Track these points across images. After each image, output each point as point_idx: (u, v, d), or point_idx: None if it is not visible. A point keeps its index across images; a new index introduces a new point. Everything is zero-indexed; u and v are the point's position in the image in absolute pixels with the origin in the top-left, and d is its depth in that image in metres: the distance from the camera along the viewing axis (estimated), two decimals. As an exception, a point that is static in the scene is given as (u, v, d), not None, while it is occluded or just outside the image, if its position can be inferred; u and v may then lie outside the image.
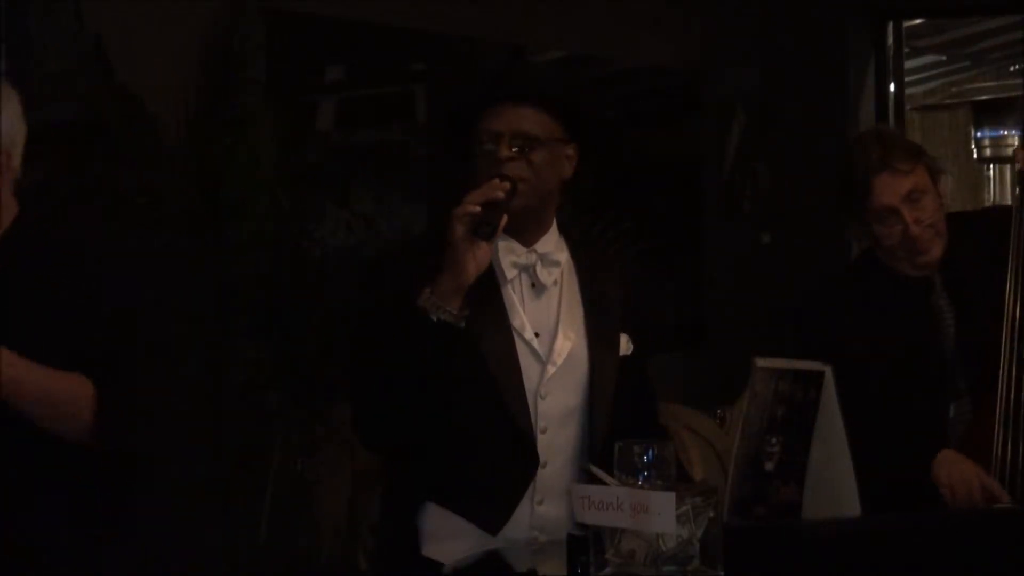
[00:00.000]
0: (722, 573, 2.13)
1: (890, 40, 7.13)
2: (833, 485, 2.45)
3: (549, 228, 2.83)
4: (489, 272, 2.71)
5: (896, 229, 3.12)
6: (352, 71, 5.56)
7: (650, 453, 2.19)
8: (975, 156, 9.18)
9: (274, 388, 4.45)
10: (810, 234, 6.53)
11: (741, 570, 2.17)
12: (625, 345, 2.85)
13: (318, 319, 4.45)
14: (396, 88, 5.76)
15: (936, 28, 8.75)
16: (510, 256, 2.79)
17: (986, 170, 9.88)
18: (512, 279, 2.79)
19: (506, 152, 2.72)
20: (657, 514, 2.09)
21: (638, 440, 2.21)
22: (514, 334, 2.76)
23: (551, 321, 2.80)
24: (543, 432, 2.75)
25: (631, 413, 2.81)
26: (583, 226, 4.60)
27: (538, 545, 2.71)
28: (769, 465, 2.44)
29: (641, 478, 2.17)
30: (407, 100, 5.76)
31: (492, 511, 2.73)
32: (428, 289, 2.62)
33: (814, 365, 2.46)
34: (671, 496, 2.10)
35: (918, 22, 8.15)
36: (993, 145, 8.95)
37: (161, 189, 4.28)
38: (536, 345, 2.77)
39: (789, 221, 6.80)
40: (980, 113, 9.08)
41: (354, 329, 3.11)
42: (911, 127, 9.43)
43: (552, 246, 2.82)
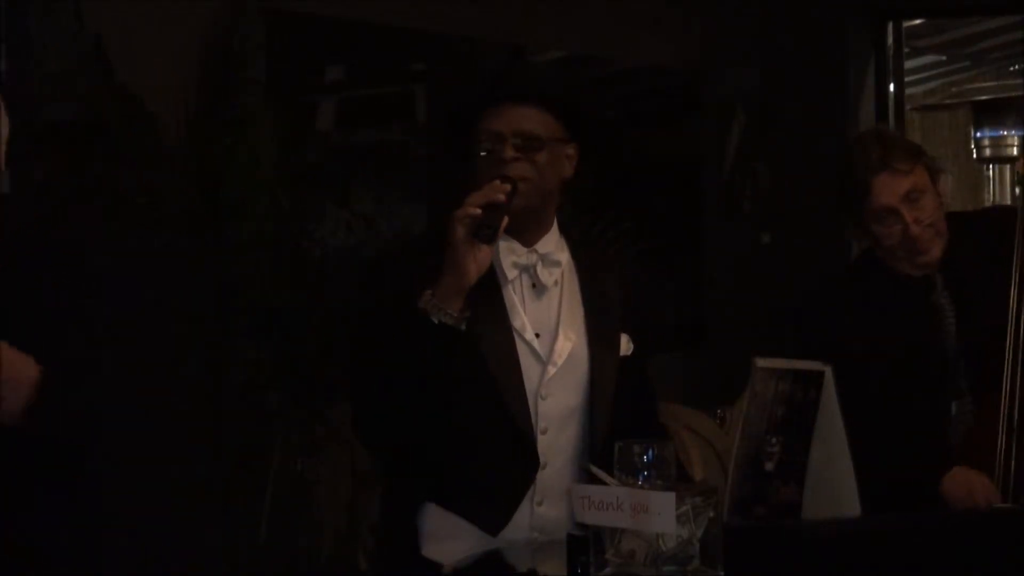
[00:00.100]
0: (722, 573, 2.13)
1: (890, 40, 7.14)
2: (833, 485, 2.45)
3: (550, 228, 2.83)
4: (490, 272, 2.70)
5: (896, 229, 3.12)
6: (352, 71, 5.56)
7: (650, 453, 2.19)
8: (975, 156, 9.18)
9: (274, 388, 4.44)
10: (810, 234, 6.53)
11: (741, 570, 2.17)
12: (625, 345, 2.84)
13: (318, 319, 4.44)
14: (396, 88, 5.75)
15: (936, 28, 8.75)
16: (511, 256, 2.78)
17: (986, 170, 9.88)
18: (513, 279, 2.79)
19: (509, 152, 2.72)
20: (657, 514, 2.09)
21: (638, 440, 2.21)
22: (515, 334, 2.75)
23: (552, 321, 2.79)
24: (543, 433, 2.75)
25: (631, 413, 2.80)
26: (583, 226, 4.60)
27: (538, 545, 2.71)
28: (769, 465, 2.44)
29: (641, 478, 2.17)
30: (407, 100, 5.76)
31: (492, 512, 2.73)
32: (429, 291, 2.61)
33: (814, 365, 2.46)
34: (671, 496, 2.10)
35: (918, 22, 8.15)
36: (993, 145, 8.95)
37: (161, 189, 4.28)
38: (537, 346, 2.77)
39: (789, 221, 6.79)
40: (980, 113, 9.08)
41: (354, 329, 3.11)
42: (911, 127, 9.43)
43: (553, 246, 2.82)
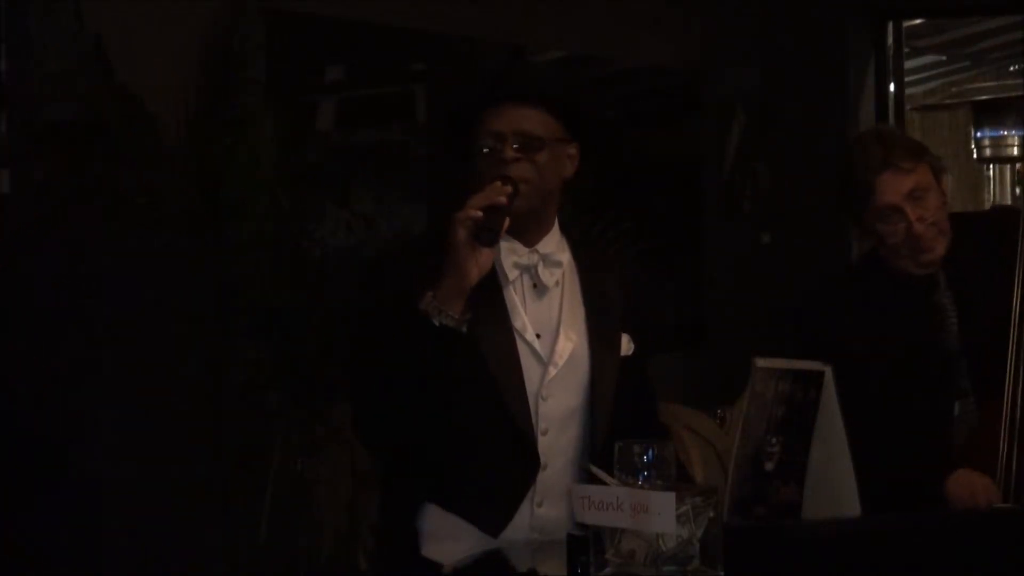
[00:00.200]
0: (722, 573, 2.13)
1: (890, 40, 7.14)
2: (833, 485, 2.45)
3: (551, 228, 2.82)
4: (491, 273, 2.69)
5: (899, 227, 3.12)
6: (352, 71, 5.56)
7: (650, 453, 2.18)
8: (975, 156, 9.18)
9: (274, 388, 4.44)
10: (810, 234, 6.54)
11: (741, 570, 2.17)
12: (626, 345, 2.84)
13: (318, 319, 4.44)
14: (396, 88, 5.75)
15: (936, 28, 8.75)
16: (512, 257, 2.77)
17: (986, 170, 9.88)
18: (514, 280, 2.78)
19: (510, 154, 2.71)
20: (657, 514, 2.09)
21: (638, 440, 2.21)
22: (515, 335, 2.75)
23: (553, 322, 2.79)
24: (544, 434, 2.75)
25: (632, 413, 2.80)
26: (583, 226, 4.59)
27: (538, 545, 2.70)
28: (769, 465, 2.44)
29: (641, 478, 2.17)
30: (407, 100, 5.76)
31: (492, 513, 2.72)
32: (430, 292, 2.61)
33: (814, 365, 2.46)
34: (671, 496, 2.10)
35: (918, 22, 8.15)
36: (993, 145, 8.95)
37: (161, 189, 4.27)
38: (537, 346, 2.76)
39: (789, 221, 6.79)
40: (980, 113, 9.08)
41: (354, 329, 3.11)
42: (911, 127, 9.43)
43: (554, 246, 2.81)
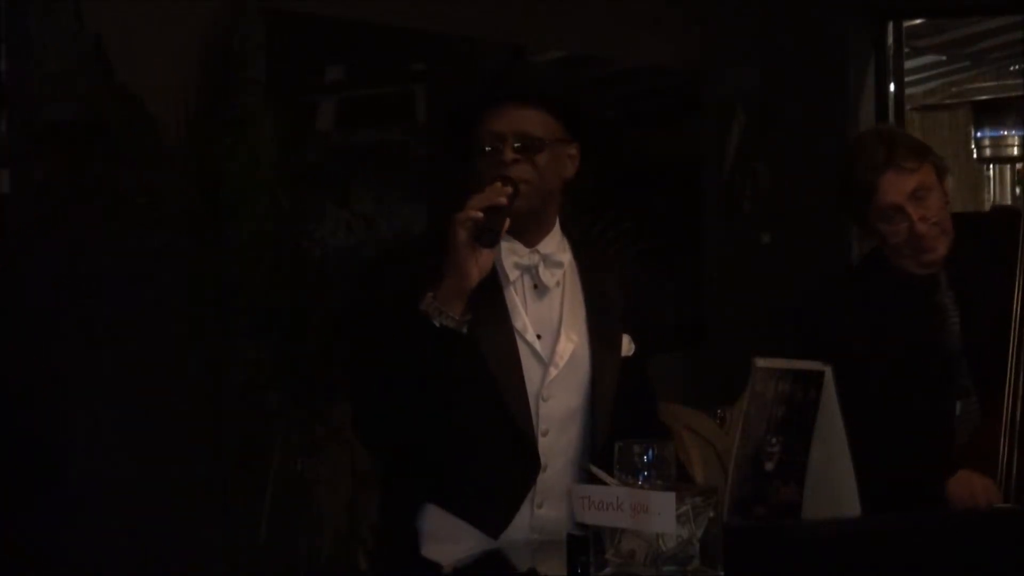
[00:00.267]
0: (722, 573, 2.13)
1: (890, 40, 7.14)
2: (833, 485, 2.45)
3: (552, 229, 2.81)
4: (491, 273, 2.69)
5: (902, 227, 3.12)
6: (352, 71, 5.56)
7: (650, 453, 2.19)
8: (975, 156, 9.19)
9: (274, 388, 4.44)
10: (810, 234, 6.54)
11: (741, 570, 2.17)
12: (627, 346, 2.83)
13: (318, 319, 4.44)
14: (396, 88, 5.75)
15: (936, 28, 8.76)
16: (512, 257, 2.77)
17: (986, 170, 9.89)
18: (514, 280, 2.78)
19: (510, 154, 2.71)
20: (657, 514, 2.09)
21: (638, 440, 2.21)
22: (516, 336, 2.74)
23: (553, 323, 2.78)
24: (544, 435, 2.74)
25: (632, 414, 2.80)
26: (583, 226, 4.59)
27: (538, 545, 2.70)
28: (769, 465, 2.44)
29: (641, 478, 2.17)
30: (407, 100, 5.76)
31: (493, 514, 2.72)
32: (431, 293, 2.60)
33: (814, 365, 2.46)
34: (671, 496, 2.10)
35: (918, 22, 8.16)
36: (993, 145, 8.96)
37: (161, 189, 4.27)
38: (538, 347, 2.76)
39: (789, 221, 6.80)
40: (980, 113, 9.09)
41: (354, 329, 3.10)
42: (911, 127, 9.44)
43: (555, 247, 2.81)
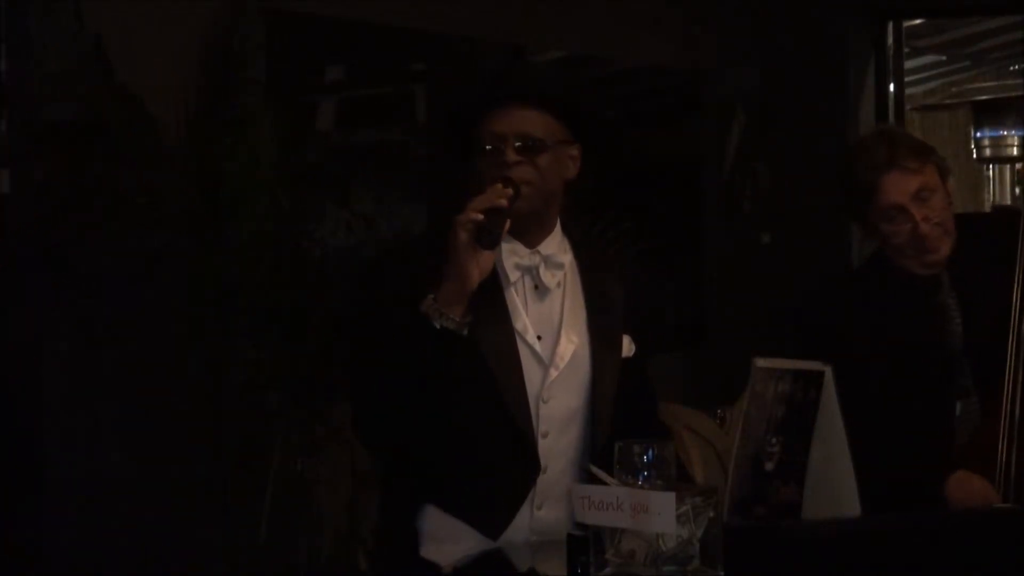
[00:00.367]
0: (722, 573, 2.13)
1: (890, 40, 7.14)
2: (833, 485, 2.45)
3: (552, 229, 2.81)
4: (492, 274, 2.68)
5: (905, 228, 3.12)
6: (352, 71, 5.56)
7: (650, 453, 2.19)
8: (975, 156, 9.19)
9: (274, 388, 4.44)
10: (810, 234, 6.54)
11: (741, 570, 2.17)
12: (627, 346, 2.83)
13: (318, 319, 4.43)
14: (396, 88, 5.75)
15: (936, 28, 8.76)
16: (513, 258, 2.76)
17: (986, 170, 9.89)
18: (515, 281, 2.77)
19: (512, 155, 2.70)
20: (657, 514, 2.09)
21: (638, 440, 2.21)
22: (516, 337, 2.74)
23: (554, 324, 2.78)
24: (544, 436, 2.74)
25: (632, 414, 2.80)
26: (583, 226, 4.59)
27: (538, 545, 2.70)
28: (769, 465, 2.44)
29: (641, 478, 2.17)
30: (407, 100, 5.76)
31: (492, 515, 2.72)
32: (431, 295, 2.60)
33: (814, 365, 2.46)
34: (671, 496, 2.10)
35: (918, 22, 8.16)
36: (993, 145, 8.95)
37: (161, 189, 4.27)
38: (538, 348, 2.75)
39: (789, 221, 6.80)
40: (980, 113, 9.08)
41: (355, 330, 3.10)
42: (911, 127, 9.44)
43: (555, 248, 2.80)
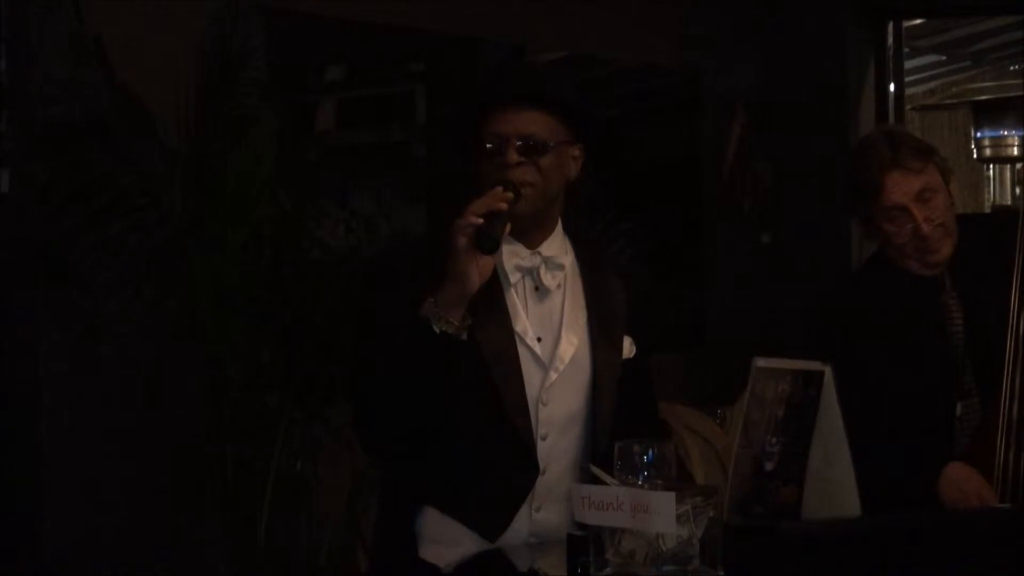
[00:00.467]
0: (722, 573, 2.13)
1: (890, 40, 7.14)
2: (833, 485, 2.45)
3: (554, 230, 2.80)
4: (492, 275, 2.67)
5: (906, 228, 3.12)
6: (352, 71, 5.55)
7: (650, 453, 2.19)
8: (975, 156, 9.20)
9: (274, 388, 4.44)
10: (810, 234, 6.54)
11: (741, 570, 2.17)
12: (628, 348, 2.82)
13: (318, 319, 4.43)
14: (396, 88, 5.75)
15: (936, 28, 8.76)
16: (514, 259, 2.75)
17: (986, 170, 9.90)
18: (515, 282, 2.76)
19: (513, 157, 2.69)
20: (657, 514, 2.09)
21: (638, 440, 2.21)
22: (516, 338, 2.73)
23: (554, 325, 2.77)
24: (543, 439, 2.73)
25: (633, 416, 2.79)
26: (583, 226, 4.59)
27: (537, 545, 2.70)
28: (769, 465, 2.44)
29: (641, 478, 2.17)
30: (407, 100, 5.75)
31: (491, 518, 2.71)
32: (431, 299, 2.59)
33: (814, 365, 2.46)
34: (671, 496, 2.10)
35: (918, 22, 8.16)
36: (993, 145, 8.97)
37: (161, 189, 4.27)
38: (538, 350, 2.74)
39: (789, 221, 6.80)
40: (980, 113, 9.09)
41: (354, 332, 3.10)
42: (911, 127, 9.44)
43: (556, 249, 2.79)
